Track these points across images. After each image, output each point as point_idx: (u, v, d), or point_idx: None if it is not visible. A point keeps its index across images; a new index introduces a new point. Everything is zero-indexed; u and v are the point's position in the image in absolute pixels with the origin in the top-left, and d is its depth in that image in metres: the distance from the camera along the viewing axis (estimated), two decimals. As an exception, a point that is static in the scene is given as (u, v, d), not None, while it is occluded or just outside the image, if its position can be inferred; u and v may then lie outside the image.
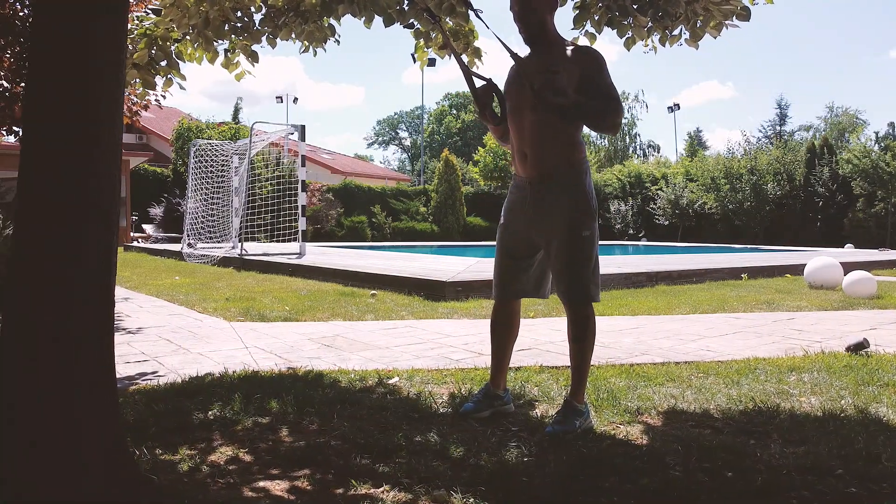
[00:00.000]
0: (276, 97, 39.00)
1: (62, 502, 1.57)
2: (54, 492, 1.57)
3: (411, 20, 3.48)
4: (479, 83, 2.64)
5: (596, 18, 3.38)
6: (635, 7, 3.33)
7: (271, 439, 2.32)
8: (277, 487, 1.92)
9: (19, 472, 1.58)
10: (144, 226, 20.51)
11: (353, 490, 1.89)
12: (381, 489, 1.90)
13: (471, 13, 3.11)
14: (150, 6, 3.52)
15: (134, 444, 2.12)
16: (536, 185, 2.55)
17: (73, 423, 1.62)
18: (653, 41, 3.51)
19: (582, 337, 2.53)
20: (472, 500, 1.84)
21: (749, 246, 18.95)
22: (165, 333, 4.52)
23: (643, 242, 22.55)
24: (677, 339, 4.37)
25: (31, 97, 1.64)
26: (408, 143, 65.49)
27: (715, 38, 3.43)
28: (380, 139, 66.93)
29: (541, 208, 2.54)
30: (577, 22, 3.39)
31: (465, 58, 3.88)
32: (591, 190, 2.56)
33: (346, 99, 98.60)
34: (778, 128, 45.57)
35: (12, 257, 1.62)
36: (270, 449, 2.22)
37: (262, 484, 1.94)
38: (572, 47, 2.53)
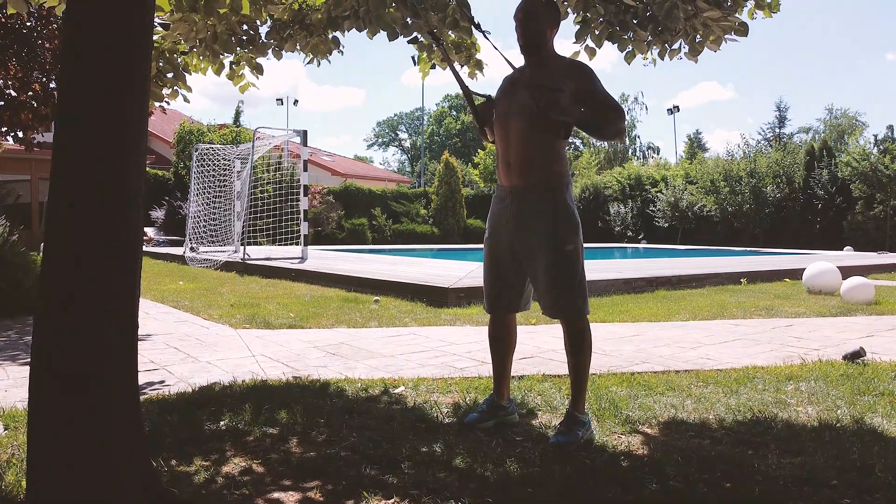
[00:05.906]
0: (277, 99, 39.10)
1: None
2: None
3: (414, 34, 3.54)
4: (478, 99, 2.72)
5: (597, 33, 3.44)
6: (635, 22, 3.39)
7: (282, 450, 2.38)
8: (291, 499, 1.98)
9: (61, 486, 1.64)
10: (146, 229, 20.52)
11: (364, 501, 1.95)
12: (392, 500, 1.96)
13: (477, 32, 3.17)
14: (158, 21, 3.58)
15: (151, 456, 2.18)
16: (518, 196, 2.61)
17: (109, 438, 1.68)
18: (652, 54, 3.58)
19: (578, 350, 2.58)
20: (479, 511, 1.90)
21: (748, 249, 19.02)
22: (173, 341, 4.58)
23: (643, 245, 22.61)
24: (677, 346, 4.43)
25: (67, 109, 1.69)
26: (407, 144, 65.59)
27: (714, 51, 3.50)
28: (379, 140, 67.04)
29: (522, 222, 2.59)
30: (579, 36, 3.45)
31: (466, 69, 3.96)
32: (572, 204, 2.61)
33: (346, 101, 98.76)
34: (777, 130, 45.58)
35: (45, 266, 1.67)
36: (282, 460, 2.28)
37: (275, 495, 2.00)
38: (564, 63, 2.63)
